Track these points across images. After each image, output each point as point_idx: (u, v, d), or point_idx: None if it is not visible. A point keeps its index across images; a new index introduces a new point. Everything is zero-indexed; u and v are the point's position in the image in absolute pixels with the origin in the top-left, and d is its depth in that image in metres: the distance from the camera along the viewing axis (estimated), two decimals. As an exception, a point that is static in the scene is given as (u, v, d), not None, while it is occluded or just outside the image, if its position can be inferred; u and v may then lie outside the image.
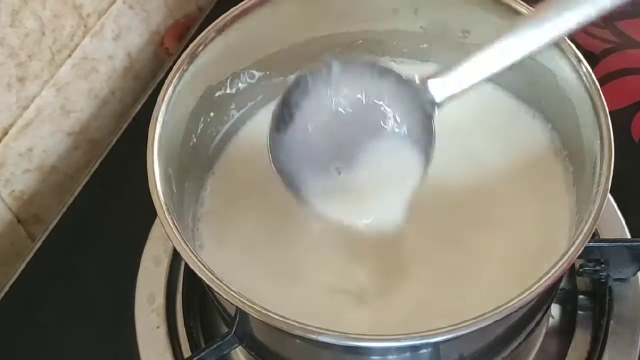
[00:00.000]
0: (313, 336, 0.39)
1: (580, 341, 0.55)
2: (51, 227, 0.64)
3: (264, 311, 0.40)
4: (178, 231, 0.42)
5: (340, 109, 0.45)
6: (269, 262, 0.50)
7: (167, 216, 0.43)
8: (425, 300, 0.48)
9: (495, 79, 0.54)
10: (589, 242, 0.41)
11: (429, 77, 0.44)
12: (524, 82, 0.52)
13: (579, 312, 0.56)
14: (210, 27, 0.49)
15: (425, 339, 0.39)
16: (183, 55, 0.48)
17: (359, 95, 0.45)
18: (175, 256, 0.59)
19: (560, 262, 0.41)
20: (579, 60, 0.47)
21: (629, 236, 0.58)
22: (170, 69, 0.48)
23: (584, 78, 0.46)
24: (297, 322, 0.40)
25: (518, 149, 0.53)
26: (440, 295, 0.48)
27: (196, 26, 0.75)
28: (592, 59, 0.66)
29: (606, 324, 0.55)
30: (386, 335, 0.39)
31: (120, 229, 0.62)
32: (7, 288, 0.61)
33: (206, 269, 0.41)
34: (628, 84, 0.68)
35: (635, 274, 0.56)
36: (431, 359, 0.43)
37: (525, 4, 0.49)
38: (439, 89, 0.44)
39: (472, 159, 0.53)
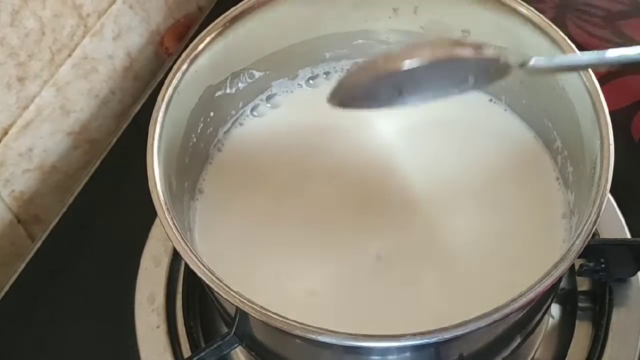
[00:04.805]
0: (313, 336, 0.39)
1: (581, 341, 0.55)
2: (51, 227, 0.64)
3: (264, 311, 0.40)
4: (178, 231, 0.42)
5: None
6: (268, 260, 0.50)
7: (167, 216, 0.43)
8: (423, 301, 0.48)
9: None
10: (589, 241, 0.41)
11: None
12: (524, 82, 0.52)
13: (579, 312, 0.56)
14: (210, 27, 0.49)
15: (426, 338, 0.39)
16: (183, 55, 0.48)
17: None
18: (175, 256, 0.59)
19: (561, 262, 0.41)
20: (579, 60, 0.47)
21: (628, 236, 0.58)
22: (170, 68, 0.48)
23: (584, 78, 0.46)
24: (297, 322, 0.40)
25: (515, 154, 0.53)
26: (440, 297, 0.48)
27: (196, 26, 0.75)
28: (592, 58, 0.66)
29: (606, 323, 0.55)
30: (386, 335, 0.39)
31: (120, 229, 0.62)
32: (7, 288, 0.61)
33: (206, 269, 0.41)
34: (628, 83, 0.68)
35: (635, 273, 0.56)
36: (431, 358, 0.43)
37: (525, 4, 0.49)
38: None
39: (470, 162, 0.53)
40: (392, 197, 0.52)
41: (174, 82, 0.47)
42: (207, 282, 0.41)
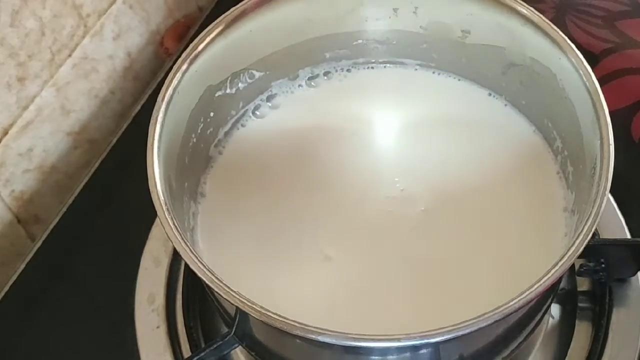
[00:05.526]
0: (313, 336, 0.39)
1: (581, 341, 0.55)
2: (51, 227, 0.63)
3: (264, 311, 0.40)
4: (178, 231, 0.42)
5: None
6: (268, 259, 0.50)
7: (167, 216, 0.43)
8: (423, 301, 0.48)
9: (494, 82, 0.54)
10: (589, 242, 0.41)
11: None
12: (524, 82, 0.52)
13: (579, 312, 0.56)
14: (210, 27, 0.49)
15: (426, 339, 0.39)
16: (183, 55, 0.48)
17: None
18: (175, 256, 0.59)
19: (560, 262, 0.41)
20: (579, 61, 0.47)
21: (628, 236, 0.58)
22: (170, 69, 0.48)
23: (584, 78, 0.46)
24: (297, 322, 0.40)
25: (516, 149, 0.53)
26: (439, 297, 0.48)
27: (196, 26, 0.75)
28: (592, 59, 0.66)
29: (606, 323, 0.55)
30: (386, 335, 0.39)
31: (120, 229, 0.62)
32: (7, 288, 0.61)
33: (206, 269, 0.41)
34: (628, 84, 0.68)
35: (635, 273, 0.56)
36: (431, 359, 0.43)
37: (525, 4, 0.49)
38: None
39: (468, 161, 0.53)
40: (394, 195, 0.52)
41: (174, 82, 0.47)
42: (207, 282, 0.41)
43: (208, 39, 0.49)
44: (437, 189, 0.52)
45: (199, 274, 0.41)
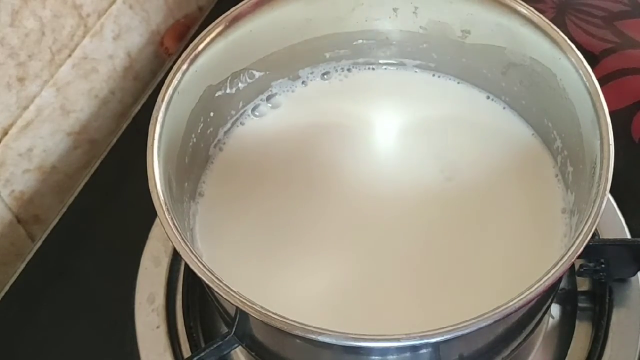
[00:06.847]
0: (313, 336, 0.39)
1: (581, 341, 0.55)
2: (51, 227, 0.64)
3: (264, 311, 0.40)
4: (178, 231, 0.42)
5: None
6: (268, 260, 0.50)
7: (167, 216, 0.43)
8: (423, 301, 0.48)
9: (494, 82, 0.54)
10: (589, 242, 0.41)
11: None
12: (524, 83, 0.52)
13: (579, 312, 0.56)
14: (210, 27, 0.49)
15: (425, 339, 0.39)
16: (183, 55, 0.48)
17: None
18: (175, 256, 0.59)
19: (561, 262, 0.41)
20: (579, 61, 0.47)
21: (629, 236, 0.58)
22: (170, 69, 0.48)
23: (584, 78, 0.46)
24: (297, 322, 0.39)
25: (514, 152, 0.53)
26: (439, 297, 0.48)
27: (196, 26, 0.75)
28: (592, 59, 0.66)
29: (606, 323, 0.55)
30: (386, 335, 0.39)
31: (120, 229, 0.62)
32: (7, 288, 0.61)
33: (206, 269, 0.41)
34: (628, 84, 0.68)
35: (635, 273, 0.56)
36: (431, 359, 0.43)
37: (525, 4, 0.49)
38: None
39: (467, 162, 0.53)
40: (393, 195, 0.52)
41: (174, 82, 0.47)
42: (207, 282, 0.41)
43: (208, 39, 0.49)
44: (436, 191, 0.52)
45: (199, 274, 0.41)
